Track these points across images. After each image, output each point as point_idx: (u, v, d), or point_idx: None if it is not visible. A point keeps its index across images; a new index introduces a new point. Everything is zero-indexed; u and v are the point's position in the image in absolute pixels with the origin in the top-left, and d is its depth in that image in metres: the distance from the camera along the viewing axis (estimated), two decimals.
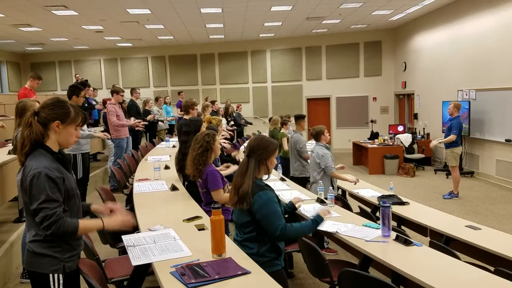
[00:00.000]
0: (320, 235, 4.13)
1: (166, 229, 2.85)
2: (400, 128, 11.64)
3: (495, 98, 8.48)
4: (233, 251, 2.41)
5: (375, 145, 10.39)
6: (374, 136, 12.15)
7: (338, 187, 5.39)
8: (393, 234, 3.05)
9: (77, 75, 12.59)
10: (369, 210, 4.53)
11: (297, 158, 6.24)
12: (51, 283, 2.10)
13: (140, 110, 9.23)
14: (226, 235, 2.43)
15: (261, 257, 2.51)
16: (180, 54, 14.80)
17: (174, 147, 7.44)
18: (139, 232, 2.84)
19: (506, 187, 8.11)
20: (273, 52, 14.68)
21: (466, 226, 3.61)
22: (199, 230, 2.87)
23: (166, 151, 7.19)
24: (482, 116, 8.90)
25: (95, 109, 8.81)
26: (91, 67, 15.17)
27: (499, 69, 8.35)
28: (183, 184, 4.78)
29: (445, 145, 7.34)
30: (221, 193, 3.49)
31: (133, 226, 2.32)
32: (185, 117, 5.59)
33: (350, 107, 14.41)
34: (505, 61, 8.17)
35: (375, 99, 14.38)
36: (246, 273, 2.11)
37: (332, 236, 3.38)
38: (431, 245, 3.17)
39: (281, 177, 5.57)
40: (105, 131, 8.27)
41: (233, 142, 10.37)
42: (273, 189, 2.71)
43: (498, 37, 8.38)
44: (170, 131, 10.82)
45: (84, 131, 5.40)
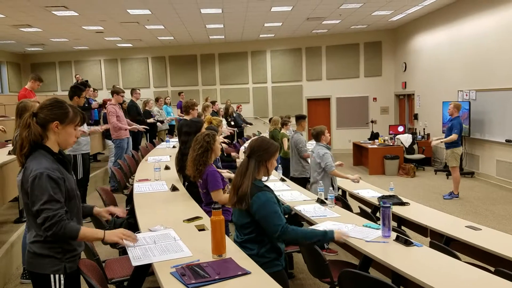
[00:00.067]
0: None
1: (166, 229, 2.85)
2: (400, 129, 11.63)
3: (495, 98, 8.48)
4: (233, 251, 2.41)
5: (375, 146, 10.39)
6: (374, 136, 12.16)
7: (339, 188, 5.39)
8: (393, 235, 3.04)
9: (78, 76, 12.60)
10: (369, 210, 4.53)
11: (297, 158, 6.25)
12: (52, 283, 2.10)
13: (140, 110, 9.24)
14: (226, 236, 2.43)
15: (261, 258, 2.51)
16: (180, 55, 14.81)
17: (174, 147, 7.44)
18: (139, 233, 2.84)
19: (506, 188, 8.11)
20: (273, 52, 14.69)
21: (466, 226, 3.61)
22: (199, 230, 2.87)
23: (166, 151, 7.19)
24: (482, 116, 8.90)
25: (93, 109, 8.79)
26: (91, 67, 15.18)
27: (499, 69, 8.35)
28: (183, 184, 4.78)
29: (445, 145, 7.34)
30: (221, 194, 3.49)
31: (132, 242, 2.34)
32: (186, 117, 5.59)
33: (350, 108, 14.41)
34: (505, 61, 8.17)
35: (375, 99, 14.38)
36: (246, 273, 2.11)
37: None
38: (431, 245, 3.16)
39: (281, 177, 5.57)
40: (105, 131, 8.28)
41: (232, 142, 10.38)
42: (272, 190, 2.71)
43: (498, 38, 8.38)
44: (170, 132, 10.82)
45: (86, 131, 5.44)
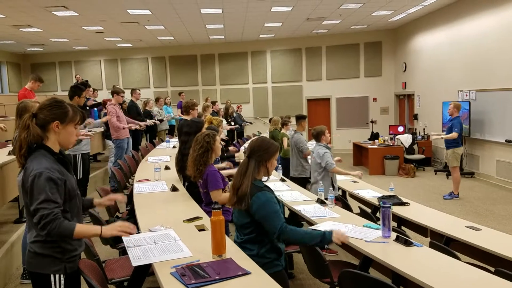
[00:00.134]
0: None
1: (166, 229, 2.86)
2: (400, 129, 11.63)
3: (495, 98, 8.48)
4: (233, 251, 2.41)
5: (375, 146, 10.39)
6: (374, 136, 12.15)
7: (339, 188, 5.39)
8: (393, 235, 3.05)
9: (78, 76, 12.60)
10: (369, 210, 4.53)
11: (297, 158, 6.25)
12: (52, 283, 2.10)
13: (140, 110, 9.24)
14: (226, 236, 2.43)
15: (261, 258, 2.51)
16: (180, 55, 14.81)
17: (174, 147, 7.44)
18: (139, 233, 2.84)
19: (506, 188, 8.11)
20: (273, 52, 14.68)
21: (466, 226, 3.60)
22: (200, 230, 2.87)
23: (166, 151, 7.19)
24: (482, 116, 8.90)
25: (91, 108, 8.79)
26: (91, 67, 15.18)
27: (499, 69, 8.35)
28: (183, 184, 4.78)
29: (446, 145, 7.33)
30: (220, 193, 3.49)
31: (130, 233, 2.27)
32: (186, 117, 5.59)
33: (350, 108, 14.41)
34: (505, 61, 8.17)
35: (375, 99, 14.38)
36: (247, 273, 2.11)
37: None
38: (432, 245, 3.16)
39: (281, 177, 5.58)
40: (105, 131, 8.30)
41: (232, 142, 10.38)
42: (272, 190, 2.70)
43: (498, 38, 8.38)
44: (170, 132, 10.83)
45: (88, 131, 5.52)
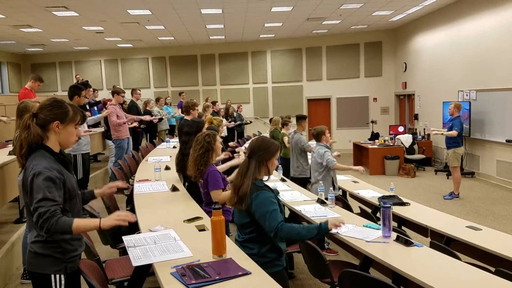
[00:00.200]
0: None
1: (167, 229, 2.85)
2: (401, 129, 11.63)
3: (495, 98, 8.48)
4: (233, 251, 2.41)
5: (375, 146, 10.39)
6: (374, 136, 12.15)
7: (339, 188, 5.38)
8: (394, 235, 3.04)
9: (78, 76, 12.59)
10: (369, 210, 4.53)
11: (297, 158, 6.25)
12: (52, 283, 2.10)
13: (141, 110, 9.26)
14: (227, 236, 2.43)
15: (261, 257, 2.51)
16: (181, 55, 14.81)
17: (174, 147, 7.44)
18: (139, 233, 2.84)
19: (507, 188, 8.11)
20: (273, 52, 14.68)
21: (466, 226, 3.60)
22: (200, 230, 2.87)
23: (167, 151, 7.19)
24: (482, 116, 8.90)
25: (92, 108, 8.83)
26: (91, 68, 15.18)
27: (500, 69, 8.35)
28: (184, 184, 4.78)
29: (447, 145, 7.32)
30: (220, 193, 3.48)
31: (130, 221, 2.18)
32: (186, 117, 5.59)
33: (351, 108, 14.41)
34: (505, 61, 8.17)
35: (375, 99, 14.38)
36: (247, 273, 2.11)
37: (333, 237, 3.37)
38: (432, 245, 3.16)
39: (282, 177, 5.58)
40: (106, 131, 8.30)
41: (232, 140, 10.38)
42: (272, 189, 2.70)
43: (498, 38, 8.38)
44: (170, 132, 10.83)
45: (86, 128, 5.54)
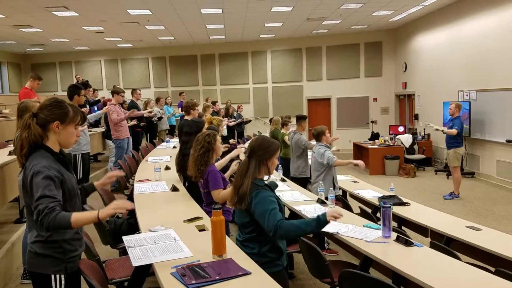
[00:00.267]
0: (320, 236, 4.14)
1: (167, 229, 2.85)
2: (401, 129, 11.63)
3: (495, 98, 8.47)
4: (233, 251, 2.41)
5: (375, 146, 10.39)
6: (374, 136, 12.15)
7: (339, 187, 5.38)
8: (394, 235, 3.05)
9: (78, 76, 12.60)
10: (369, 210, 4.53)
11: (297, 158, 6.24)
12: (52, 283, 2.10)
13: (141, 110, 9.25)
14: (227, 236, 2.43)
15: (262, 257, 2.51)
16: (181, 55, 14.80)
17: (174, 147, 7.45)
18: (139, 233, 2.85)
19: (507, 188, 8.10)
20: (273, 52, 14.68)
21: (466, 226, 3.61)
22: (200, 230, 2.87)
23: (167, 151, 7.20)
24: (482, 116, 8.90)
25: (92, 107, 8.87)
26: (91, 68, 15.18)
27: (500, 69, 8.35)
28: (184, 184, 4.78)
29: (447, 145, 7.32)
30: (220, 192, 3.48)
31: (127, 209, 2.17)
32: (186, 117, 5.59)
33: (351, 108, 14.40)
34: (505, 61, 8.16)
35: (375, 99, 14.37)
36: (247, 273, 2.11)
37: (333, 237, 3.37)
38: (432, 245, 3.16)
39: (282, 177, 5.58)
40: (106, 131, 8.31)
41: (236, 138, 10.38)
42: (272, 189, 2.69)
43: (498, 38, 8.38)
44: (170, 132, 10.83)
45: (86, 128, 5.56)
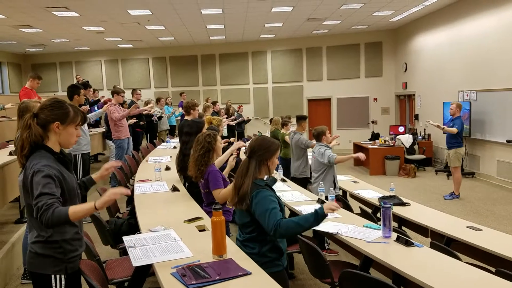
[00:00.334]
0: (321, 236, 4.14)
1: (167, 230, 2.85)
2: (401, 129, 11.63)
3: (496, 98, 8.47)
4: (233, 252, 2.41)
5: (376, 146, 10.39)
6: (375, 137, 12.14)
7: (340, 188, 5.38)
8: (394, 235, 3.04)
9: (78, 76, 12.60)
10: (370, 211, 4.53)
11: (298, 158, 6.24)
12: (53, 284, 2.10)
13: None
14: (227, 236, 2.43)
15: (262, 257, 2.51)
16: (181, 55, 14.81)
17: (175, 148, 7.45)
18: (139, 233, 2.85)
19: (507, 188, 8.10)
20: (273, 53, 14.68)
21: (467, 227, 3.60)
22: (200, 231, 2.87)
23: (167, 152, 7.20)
24: (483, 116, 8.89)
25: (93, 107, 8.89)
26: (92, 68, 15.18)
27: (500, 69, 8.34)
28: (184, 185, 4.78)
29: (448, 145, 7.31)
30: (220, 192, 3.48)
31: (123, 194, 2.15)
32: (186, 117, 5.60)
33: (351, 108, 14.40)
34: (505, 61, 8.16)
35: (375, 100, 14.37)
36: (247, 274, 2.11)
37: (333, 237, 3.37)
38: (432, 246, 3.16)
39: (282, 178, 5.57)
40: (106, 132, 8.31)
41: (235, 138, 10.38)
42: (273, 189, 2.70)
43: (498, 38, 8.37)
44: (171, 132, 10.83)
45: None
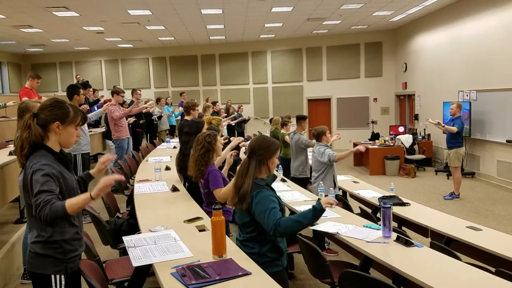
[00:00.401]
0: (321, 236, 4.14)
1: (167, 230, 2.86)
2: (401, 129, 11.62)
3: (495, 98, 8.47)
4: (233, 252, 2.41)
5: (375, 146, 10.38)
6: (375, 137, 12.15)
7: (339, 188, 5.38)
8: (394, 235, 3.04)
9: (78, 76, 12.60)
10: (369, 211, 4.53)
11: (297, 158, 6.24)
12: (53, 284, 2.10)
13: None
14: (227, 236, 2.43)
15: (262, 257, 2.51)
16: (181, 55, 14.81)
17: (174, 148, 7.44)
18: (139, 233, 2.85)
19: (507, 188, 8.10)
20: (273, 53, 14.68)
21: (467, 227, 3.60)
22: (200, 231, 2.87)
23: (167, 152, 7.20)
24: (482, 116, 8.89)
25: (92, 107, 8.90)
26: (92, 68, 15.19)
27: (500, 69, 8.34)
28: (184, 185, 4.78)
29: (448, 145, 7.30)
30: (219, 191, 3.48)
31: (117, 180, 2.17)
32: (186, 117, 5.60)
33: (351, 108, 14.41)
34: (505, 61, 8.16)
35: (375, 100, 14.37)
36: (247, 274, 2.11)
37: (333, 237, 3.38)
38: (432, 246, 3.16)
39: (282, 178, 5.57)
40: (106, 132, 8.31)
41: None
42: (273, 188, 2.70)
43: (498, 38, 8.37)
44: (171, 132, 10.83)
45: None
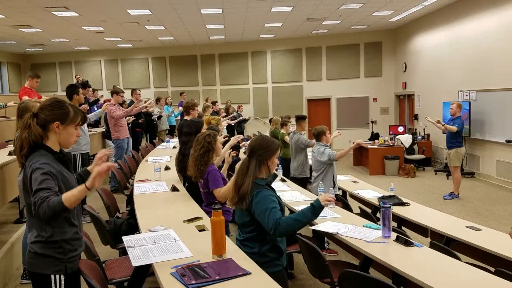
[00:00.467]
0: (320, 236, 4.14)
1: (167, 230, 2.86)
2: (401, 129, 11.63)
3: (495, 98, 8.47)
4: (233, 252, 2.41)
5: (375, 146, 10.39)
6: (374, 136, 12.15)
7: (339, 188, 5.38)
8: (394, 235, 3.05)
9: (78, 76, 12.60)
10: (369, 210, 4.53)
11: (297, 158, 6.24)
12: (52, 284, 2.10)
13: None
14: (227, 236, 2.43)
15: (262, 256, 2.51)
16: (181, 55, 14.81)
17: (174, 148, 7.45)
18: (139, 233, 2.85)
19: (507, 188, 8.10)
20: (273, 53, 14.68)
21: (466, 226, 3.61)
22: (200, 231, 2.87)
23: (167, 152, 7.20)
24: (482, 116, 8.90)
25: (92, 107, 8.90)
26: (91, 68, 15.18)
27: (500, 69, 8.35)
28: (184, 185, 4.78)
29: (448, 145, 7.30)
30: (219, 191, 3.48)
31: (110, 168, 2.12)
32: (186, 117, 5.60)
33: (351, 108, 14.41)
34: (505, 61, 8.16)
35: (375, 99, 14.38)
36: (247, 274, 2.11)
37: (333, 237, 3.38)
38: (432, 246, 3.16)
39: (282, 177, 5.57)
40: (106, 132, 8.30)
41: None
42: (273, 188, 2.70)
43: (498, 38, 8.38)
44: (170, 132, 10.83)
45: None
